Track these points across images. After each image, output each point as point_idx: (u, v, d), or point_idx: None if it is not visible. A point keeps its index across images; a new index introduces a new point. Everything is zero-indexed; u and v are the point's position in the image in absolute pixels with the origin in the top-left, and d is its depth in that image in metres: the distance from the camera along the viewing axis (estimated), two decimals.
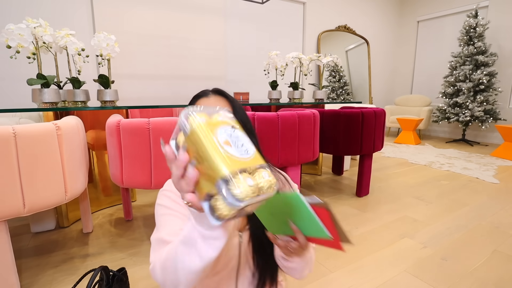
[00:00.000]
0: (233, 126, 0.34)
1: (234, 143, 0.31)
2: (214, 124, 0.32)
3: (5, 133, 0.87)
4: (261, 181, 0.30)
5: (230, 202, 0.28)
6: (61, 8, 2.45)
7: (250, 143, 0.33)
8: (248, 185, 0.28)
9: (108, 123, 1.33)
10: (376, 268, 1.24)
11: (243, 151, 0.31)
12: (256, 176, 0.30)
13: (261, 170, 0.31)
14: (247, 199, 0.28)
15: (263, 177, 0.30)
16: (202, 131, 0.30)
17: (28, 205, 0.95)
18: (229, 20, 3.42)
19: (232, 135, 0.32)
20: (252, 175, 0.30)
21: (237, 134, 0.33)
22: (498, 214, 1.80)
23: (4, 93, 2.29)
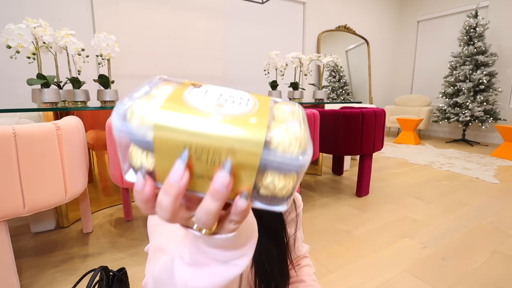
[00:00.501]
0: (195, 84, 0.22)
1: (224, 99, 0.20)
2: (176, 98, 0.19)
3: (5, 133, 0.87)
4: (292, 115, 0.21)
5: (295, 165, 0.19)
6: (61, 8, 2.45)
7: (231, 89, 0.22)
8: (295, 133, 0.19)
9: (108, 123, 1.33)
10: (376, 268, 1.24)
11: (246, 103, 0.20)
12: (284, 116, 0.20)
13: (279, 105, 0.22)
14: (308, 148, 0.19)
15: (288, 111, 0.21)
16: (175, 124, 0.18)
17: (28, 205, 0.95)
18: (229, 20, 3.42)
19: (209, 91, 0.21)
20: (280, 119, 0.20)
21: (212, 89, 0.21)
22: (498, 214, 1.80)
23: (4, 93, 2.29)
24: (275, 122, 0.19)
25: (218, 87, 0.22)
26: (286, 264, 0.60)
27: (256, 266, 0.56)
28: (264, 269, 0.56)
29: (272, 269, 0.56)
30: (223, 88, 0.22)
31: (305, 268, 0.69)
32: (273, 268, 0.56)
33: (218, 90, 0.21)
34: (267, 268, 0.56)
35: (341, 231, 1.58)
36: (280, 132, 0.18)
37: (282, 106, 0.21)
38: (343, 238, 1.50)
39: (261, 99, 0.22)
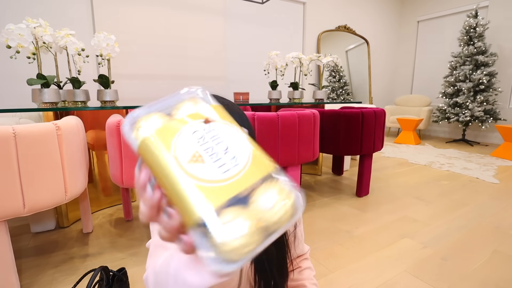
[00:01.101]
0: (206, 120, 0.22)
1: (208, 153, 0.20)
2: (171, 129, 0.21)
3: (5, 133, 0.87)
4: (267, 211, 0.18)
5: (213, 269, 0.18)
6: (61, 8, 2.45)
7: (239, 139, 0.21)
8: (240, 234, 0.17)
9: (108, 123, 1.33)
10: (376, 268, 1.24)
11: (228, 162, 0.20)
12: (257, 203, 0.19)
13: (267, 186, 0.19)
14: (240, 259, 0.18)
15: (271, 199, 0.19)
16: (152, 150, 0.20)
17: (28, 205, 0.95)
18: (229, 20, 3.42)
19: (205, 138, 0.21)
20: (250, 203, 0.19)
21: (213, 133, 0.21)
22: (499, 214, 1.79)
23: (4, 93, 2.29)
24: (236, 209, 0.18)
25: (224, 134, 0.21)
26: (285, 262, 0.60)
27: (256, 264, 0.57)
28: (263, 267, 0.56)
29: (271, 266, 0.57)
30: (226, 137, 0.21)
31: (305, 271, 0.69)
32: (272, 266, 0.56)
33: (216, 139, 0.21)
34: (266, 265, 0.56)
35: (341, 231, 1.58)
36: (219, 225, 0.18)
37: (270, 191, 0.19)
38: (343, 238, 1.50)
39: (257, 167, 0.20)
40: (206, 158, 0.20)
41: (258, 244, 0.18)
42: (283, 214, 0.19)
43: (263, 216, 0.18)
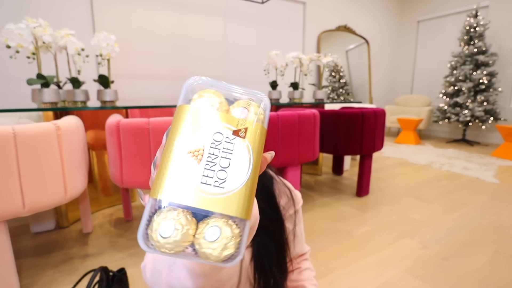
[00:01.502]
0: (235, 132, 0.21)
1: (210, 158, 0.20)
2: (206, 116, 0.22)
3: (4, 133, 0.87)
4: (208, 240, 0.19)
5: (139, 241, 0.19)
6: (61, 8, 2.45)
7: (245, 170, 0.21)
8: (170, 236, 0.19)
9: (108, 123, 1.33)
10: (376, 268, 1.24)
11: (216, 178, 0.20)
12: (206, 229, 0.19)
13: (224, 223, 0.20)
14: (156, 251, 0.19)
15: (217, 235, 0.19)
16: (177, 118, 0.22)
17: (28, 205, 0.95)
18: (229, 20, 3.42)
19: (221, 144, 0.21)
20: (200, 224, 0.20)
21: (230, 147, 0.21)
22: (499, 214, 1.79)
23: (4, 93, 2.29)
24: (178, 214, 0.19)
25: (238, 155, 0.21)
26: (284, 260, 0.61)
27: (255, 262, 0.57)
28: (263, 264, 0.57)
29: (271, 264, 0.57)
30: (237, 159, 0.21)
31: (305, 272, 0.69)
32: (271, 264, 0.57)
33: (227, 153, 0.21)
34: (266, 264, 0.56)
35: (341, 231, 1.58)
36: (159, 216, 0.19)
37: (211, 228, 0.20)
38: (343, 238, 1.49)
39: (232, 204, 0.20)
40: (204, 161, 0.20)
41: (174, 253, 0.19)
42: (218, 254, 0.19)
43: (201, 241, 0.19)
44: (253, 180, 0.21)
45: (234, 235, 0.20)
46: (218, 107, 0.22)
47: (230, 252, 0.20)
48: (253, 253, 0.57)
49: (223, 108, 0.23)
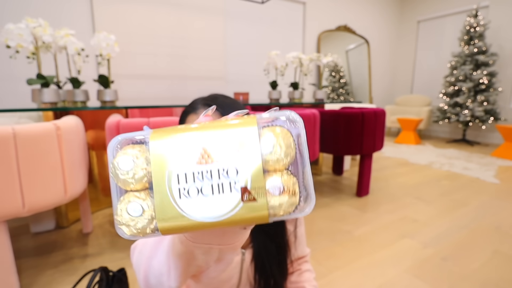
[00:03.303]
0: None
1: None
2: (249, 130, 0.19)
3: (4, 133, 0.87)
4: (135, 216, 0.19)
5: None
6: (61, 8, 2.45)
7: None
8: (128, 214, 0.19)
9: (108, 123, 1.32)
10: (376, 268, 1.24)
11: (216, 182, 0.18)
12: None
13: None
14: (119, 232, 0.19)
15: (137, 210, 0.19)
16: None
17: (28, 205, 0.95)
18: (229, 20, 3.42)
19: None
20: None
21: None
22: (499, 214, 1.79)
23: (4, 93, 2.29)
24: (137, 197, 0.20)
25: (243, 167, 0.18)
26: (285, 261, 0.61)
27: (256, 262, 0.57)
28: (263, 265, 0.57)
29: (271, 265, 0.57)
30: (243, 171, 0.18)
31: (305, 274, 0.69)
32: (272, 265, 0.57)
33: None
34: (266, 264, 0.56)
35: (341, 231, 1.58)
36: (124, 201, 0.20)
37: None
38: (344, 238, 1.49)
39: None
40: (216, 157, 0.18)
41: (126, 234, 0.19)
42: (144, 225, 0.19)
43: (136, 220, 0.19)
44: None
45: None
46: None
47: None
48: (254, 254, 0.57)
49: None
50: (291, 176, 0.18)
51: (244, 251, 0.58)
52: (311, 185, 0.18)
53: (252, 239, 0.58)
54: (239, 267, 0.57)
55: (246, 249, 0.58)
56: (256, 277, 0.58)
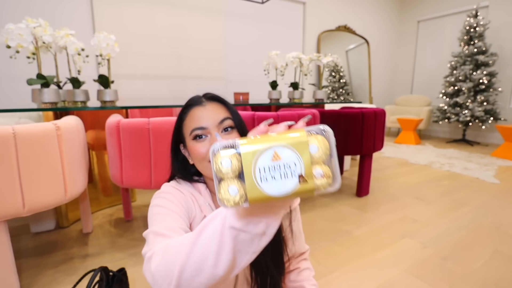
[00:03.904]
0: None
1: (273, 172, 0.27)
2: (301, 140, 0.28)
3: (4, 133, 0.87)
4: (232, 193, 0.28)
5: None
6: (61, 8, 2.45)
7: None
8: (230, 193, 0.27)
9: (108, 123, 1.33)
10: (376, 268, 1.24)
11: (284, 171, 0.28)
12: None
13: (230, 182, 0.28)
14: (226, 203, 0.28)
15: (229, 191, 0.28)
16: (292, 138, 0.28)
17: (28, 205, 0.95)
18: (229, 20, 3.42)
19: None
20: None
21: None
22: (499, 214, 1.79)
23: (4, 93, 2.29)
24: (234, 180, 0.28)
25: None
26: (281, 257, 0.61)
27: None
28: (258, 262, 0.57)
29: (267, 262, 0.57)
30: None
31: (304, 272, 0.69)
32: (268, 262, 0.57)
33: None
34: (262, 261, 0.56)
35: (341, 231, 1.58)
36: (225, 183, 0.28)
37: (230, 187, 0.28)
38: (343, 238, 1.49)
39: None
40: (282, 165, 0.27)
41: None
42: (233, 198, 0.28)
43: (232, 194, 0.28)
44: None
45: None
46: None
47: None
48: None
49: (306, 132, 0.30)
50: (327, 166, 0.28)
51: None
52: (337, 171, 0.28)
53: None
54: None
55: None
56: (252, 274, 0.58)
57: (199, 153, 0.54)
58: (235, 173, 0.28)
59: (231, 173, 0.28)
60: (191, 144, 0.55)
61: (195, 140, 0.55)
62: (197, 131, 0.54)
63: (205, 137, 0.55)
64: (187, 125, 0.57)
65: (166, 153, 1.31)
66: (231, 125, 0.56)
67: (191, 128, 0.55)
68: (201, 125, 0.54)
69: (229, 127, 0.56)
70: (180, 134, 0.59)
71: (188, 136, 0.56)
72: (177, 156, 0.63)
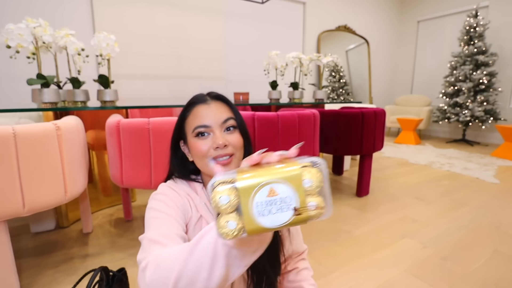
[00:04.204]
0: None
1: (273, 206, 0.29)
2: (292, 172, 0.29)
3: (5, 133, 0.87)
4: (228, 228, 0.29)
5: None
6: (61, 8, 2.45)
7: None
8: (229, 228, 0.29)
9: (108, 123, 1.33)
10: (376, 268, 1.24)
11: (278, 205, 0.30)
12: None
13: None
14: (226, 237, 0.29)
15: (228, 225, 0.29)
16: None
17: (28, 205, 0.95)
18: (229, 20, 3.42)
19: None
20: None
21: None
22: (499, 214, 1.79)
23: (4, 93, 2.29)
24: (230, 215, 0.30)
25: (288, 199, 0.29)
26: (278, 257, 0.61)
27: None
28: (255, 261, 0.56)
29: (263, 261, 0.57)
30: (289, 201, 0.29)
31: (303, 272, 0.69)
32: (264, 261, 0.57)
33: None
34: (258, 260, 0.56)
35: (341, 231, 1.58)
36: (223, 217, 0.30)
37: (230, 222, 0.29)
38: (343, 238, 1.49)
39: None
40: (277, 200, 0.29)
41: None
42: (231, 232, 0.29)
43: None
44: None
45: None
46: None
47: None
48: None
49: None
50: (320, 197, 0.29)
51: None
52: (330, 200, 0.30)
53: None
54: None
55: None
56: (248, 272, 0.58)
57: (200, 150, 0.54)
58: (233, 208, 0.29)
59: (229, 209, 0.29)
60: (193, 141, 0.56)
61: (197, 137, 0.55)
62: (200, 128, 0.55)
63: (207, 135, 0.55)
64: (190, 122, 0.57)
65: (166, 153, 1.31)
66: (233, 124, 0.57)
67: (194, 125, 0.55)
68: (204, 123, 0.55)
69: (232, 126, 0.56)
70: (182, 130, 0.60)
71: (190, 133, 0.56)
72: (176, 153, 0.63)
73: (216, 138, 0.54)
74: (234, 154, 0.56)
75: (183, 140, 0.61)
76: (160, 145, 1.28)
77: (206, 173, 0.58)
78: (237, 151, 0.56)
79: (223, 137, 0.54)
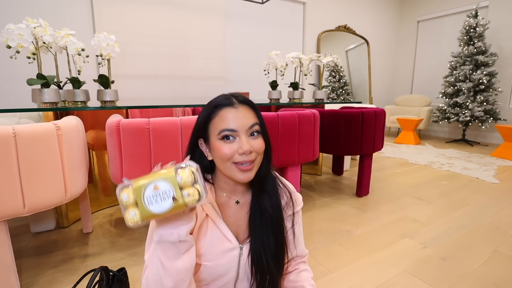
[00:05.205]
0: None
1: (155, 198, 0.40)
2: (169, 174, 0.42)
3: (5, 133, 0.87)
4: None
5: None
6: (61, 8, 2.45)
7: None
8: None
9: (108, 123, 1.32)
10: (376, 268, 1.24)
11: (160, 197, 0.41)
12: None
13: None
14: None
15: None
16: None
17: (28, 205, 0.95)
18: (229, 20, 3.42)
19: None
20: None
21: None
22: (499, 214, 1.80)
23: (4, 93, 2.29)
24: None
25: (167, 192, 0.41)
26: (282, 257, 0.62)
27: (252, 256, 0.59)
28: (259, 259, 0.58)
29: (268, 259, 0.58)
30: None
31: (303, 273, 0.71)
32: (268, 259, 0.58)
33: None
34: (263, 259, 0.58)
35: (341, 231, 1.58)
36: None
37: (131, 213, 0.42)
38: (343, 238, 1.50)
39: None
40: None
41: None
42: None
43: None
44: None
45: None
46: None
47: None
48: (251, 248, 0.59)
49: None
50: (194, 188, 0.42)
51: (242, 245, 0.59)
52: (203, 189, 0.42)
53: (249, 234, 0.60)
54: (237, 261, 0.59)
55: (243, 244, 0.60)
56: (252, 271, 0.59)
57: (224, 154, 0.54)
58: (132, 202, 0.40)
59: (130, 203, 0.40)
60: (217, 143, 0.55)
61: (222, 140, 0.55)
62: (227, 132, 0.54)
63: (233, 138, 0.54)
64: (215, 124, 0.56)
65: (166, 153, 1.31)
66: (258, 130, 0.57)
67: (220, 128, 0.54)
68: (231, 127, 0.54)
69: (256, 131, 0.56)
70: (206, 131, 0.58)
71: (215, 135, 0.55)
72: (194, 150, 0.62)
73: (242, 144, 0.53)
74: (255, 160, 0.56)
75: (203, 139, 0.60)
76: (160, 145, 1.28)
77: (227, 175, 0.58)
78: (259, 156, 0.57)
79: (249, 142, 0.54)
